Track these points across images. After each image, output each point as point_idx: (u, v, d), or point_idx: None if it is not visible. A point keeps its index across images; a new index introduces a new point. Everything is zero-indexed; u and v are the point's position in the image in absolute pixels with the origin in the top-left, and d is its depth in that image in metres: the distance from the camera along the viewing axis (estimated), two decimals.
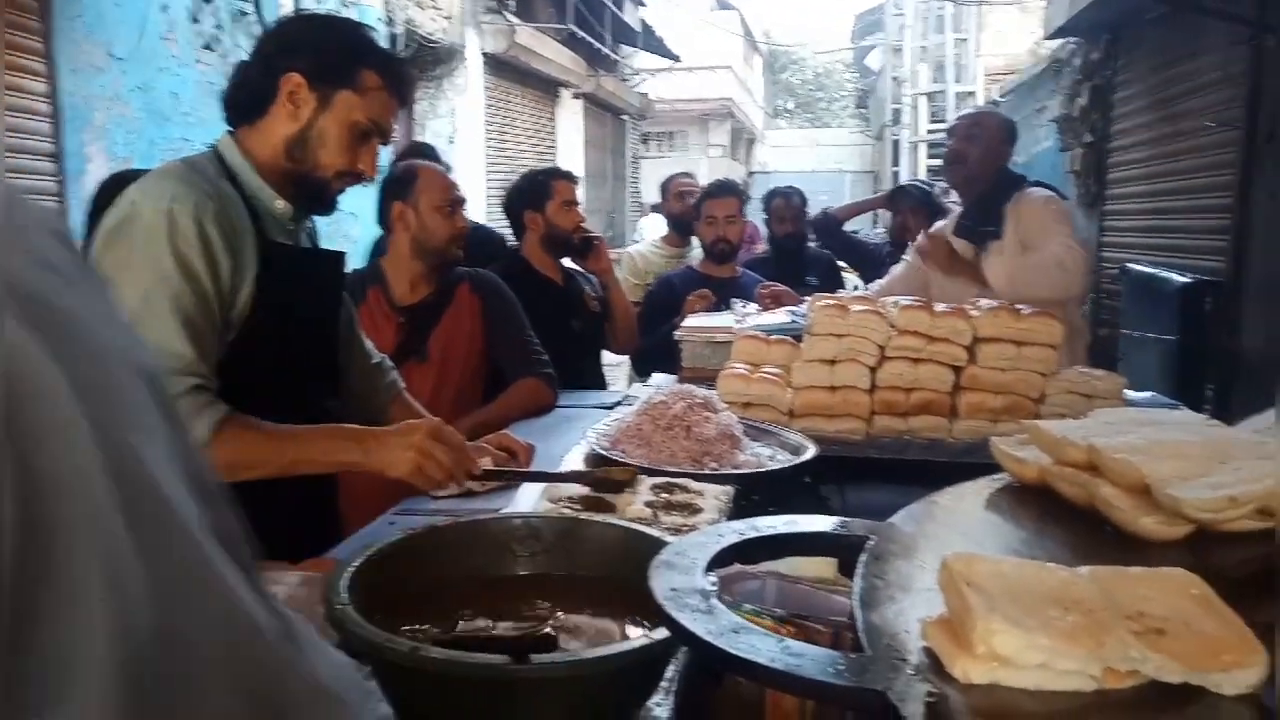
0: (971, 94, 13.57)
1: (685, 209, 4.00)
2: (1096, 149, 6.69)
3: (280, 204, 1.52)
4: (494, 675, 0.74)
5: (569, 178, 3.02)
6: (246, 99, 1.50)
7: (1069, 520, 0.88)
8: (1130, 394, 2.16)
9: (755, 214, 4.28)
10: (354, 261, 2.43)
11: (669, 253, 4.04)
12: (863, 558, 0.75)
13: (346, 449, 1.43)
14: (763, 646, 0.59)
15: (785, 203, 4.02)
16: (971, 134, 2.86)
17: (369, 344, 1.84)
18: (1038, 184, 2.98)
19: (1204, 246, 4.73)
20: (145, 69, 4.22)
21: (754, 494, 1.59)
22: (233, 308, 1.42)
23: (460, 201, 2.38)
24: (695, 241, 3.97)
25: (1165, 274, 4.52)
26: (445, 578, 1.00)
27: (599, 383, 3.13)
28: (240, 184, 1.47)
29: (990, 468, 1.03)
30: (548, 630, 0.81)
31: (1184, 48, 5.14)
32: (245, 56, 1.57)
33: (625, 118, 13.53)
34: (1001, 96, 10.21)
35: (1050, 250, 2.60)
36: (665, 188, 4.41)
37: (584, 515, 1.17)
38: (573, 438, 2.00)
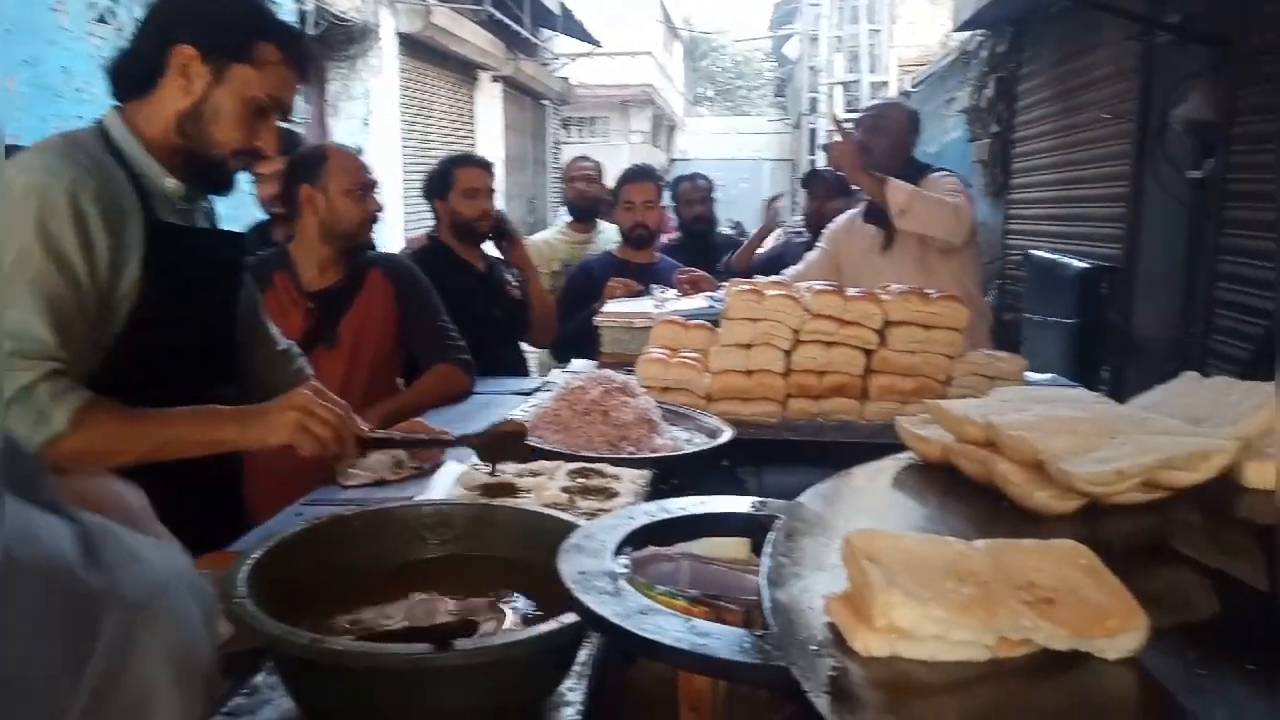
0: (885, 84, 13.86)
1: (585, 194, 3.95)
2: (1002, 139, 6.91)
3: (171, 182, 1.45)
4: (401, 665, 0.72)
5: (476, 164, 2.98)
6: (135, 72, 1.43)
7: (970, 496, 0.91)
8: (1032, 375, 2.24)
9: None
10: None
11: (573, 239, 3.94)
12: (771, 537, 0.76)
13: (220, 426, 1.38)
14: (669, 627, 0.59)
15: (692, 186, 4.04)
16: (877, 126, 2.93)
17: (274, 330, 1.78)
18: (941, 170, 3.07)
19: (1102, 234, 4.94)
20: (33, 42, 3.99)
21: (671, 478, 1.59)
22: (114, 290, 1.35)
23: (371, 185, 2.31)
24: (601, 226, 3.95)
25: (1066, 260, 4.71)
26: (353, 568, 0.98)
27: (520, 369, 3.11)
28: (126, 161, 1.40)
29: (899, 448, 1.06)
30: (469, 618, 0.79)
31: (1082, 42, 5.34)
32: None
33: (546, 103, 13.39)
34: (913, 87, 10.46)
35: (946, 194, 2.76)
36: (566, 173, 4.33)
37: (496, 501, 1.16)
38: (490, 423, 1.97)
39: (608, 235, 3.89)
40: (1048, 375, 2.59)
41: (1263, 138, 3.50)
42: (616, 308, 2.67)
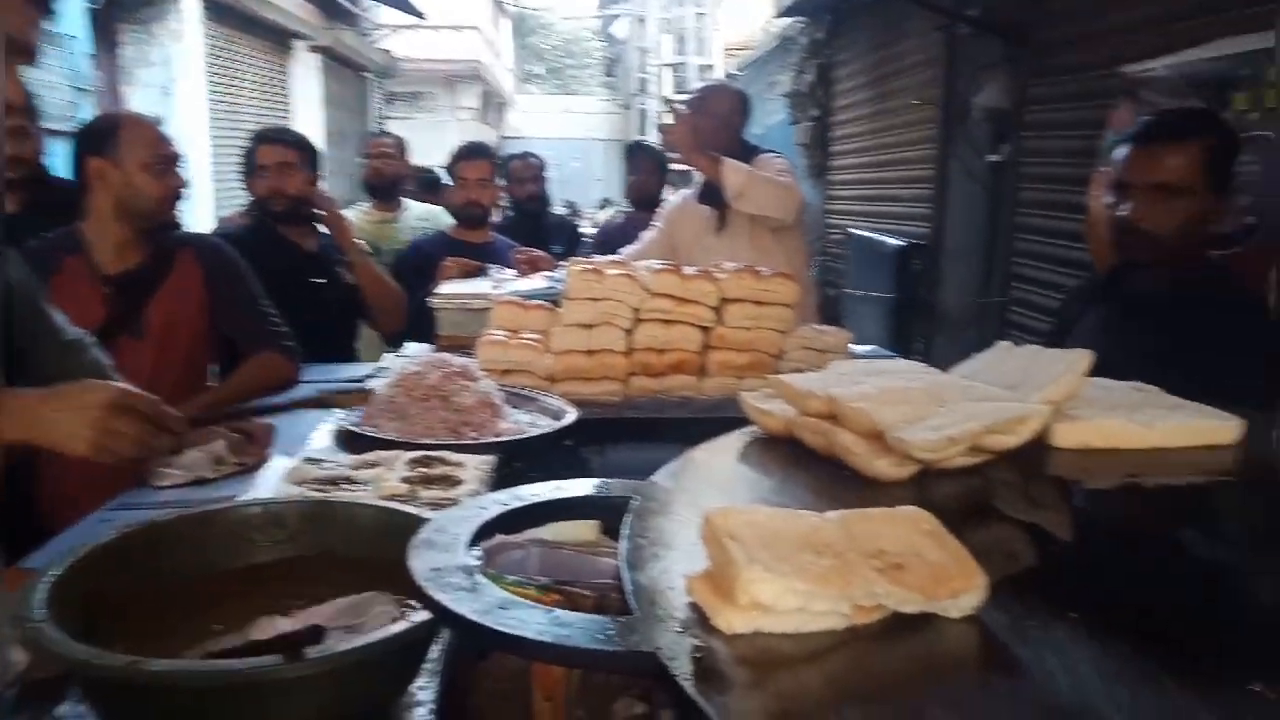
0: (711, 67, 14.18)
1: (381, 172, 3.75)
2: (821, 123, 7.24)
3: None
4: (234, 681, 0.67)
5: (272, 140, 2.81)
6: None
7: (813, 466, 0.94)
8: (855, 348, 2.36)
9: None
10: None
11: (376, 219, 3.74)
12: (627, 518, 0.75)
13: (7, 425, 1.23)
14: (531, 620, 0.57)
15: (524, 164, 3.98)
16: (709, 107, 2.98)
17: (60, 320, 1.60)
18: (770, 152, 3.17)
19: (913, 213, 5.27)
20: None
21: (516, 461, 1.57)
22: None
23: (173, 158, 2.12)
24: (407, 204, 3.80)
25: (882, 238, 5.00)
26: (175, 579, 0.89)
27: (352, 355, 2.97)
28: None
29: (738, 422, 1.08)
30: (315, 623, 0.74)
31: (892, 31, 5.66)
32: None
33: (368, 76, 12.81)
34: (739, 70, 10.76)
35: (777, 174, 2.86)
36: (364, 151, 4.10)
37: (333, 496, 1.10)
38: (318, 415, 1.87)
39: (414, 214, 3.75)
40: (869, 347, 2.74)
41: (1049, 124, 3.83)
42: (452, 289, 2.59)
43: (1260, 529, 0.84)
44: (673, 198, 3.33)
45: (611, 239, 3.73)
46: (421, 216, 3.77)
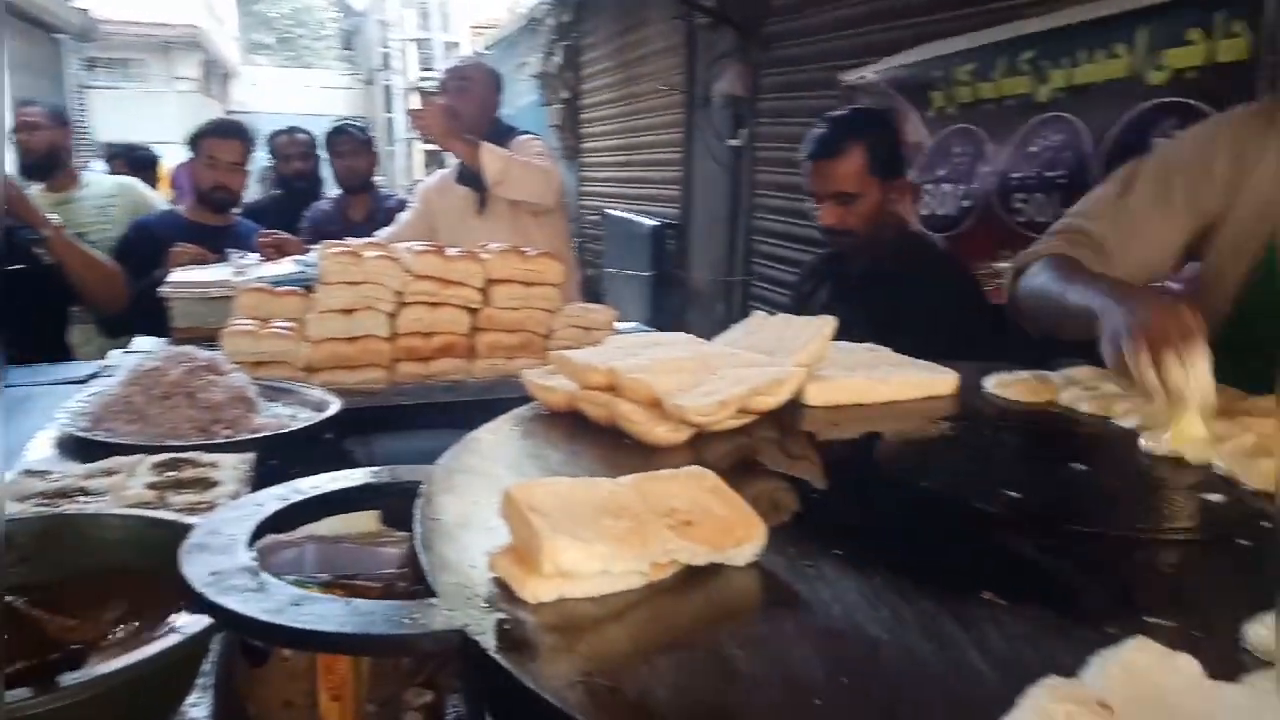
0: (457, 44, 13.88)
1: (30, 145, 3.23)
2: (572, 105, 7.32)
3: None
4: None
5: None
6: None
7: (596, 437, 0.97)
8: (619, 325, 2.43)
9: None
10: None
11: (50, 200, 3.18)
12: (418, 503, 0.74)
13: None
14: (330, 614, 0.55)
15: (289, 140, 3.70)
16: (463, 87, 2.93)
17: None
18: (526, 133, 3.17)
19: (664, 195, 5.49)
20: None
21: (274, 458, 1.47)
22: None
23: None
24: (87, 179, 3.36)
25: (637, 218, 5.18)
26: None
27: (64, 353, 2.63)
28: None
29: (511, 402, 1.09)
30: (74, 646, 0.66)
31: (635, 17, 5.84)
32: None
33: (62, 37, 11.28)
34: (487, 49, 10.61)
35: (534, 157, 2.87)
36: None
37: (71, 510, 0.98)
38: (35, 422, 1.65)
39: (101, 190, 3.30)
40: (632, 324, 2.84)
41: (780, 111, 4.13)
42: (186, 276, 2.37)
43: (977, 462, 0.97)
44: (429, 178, 3.25)
45: (320, 223, 3.50)
46: (110, 193, 3.27)
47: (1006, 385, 1.21)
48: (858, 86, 3.16)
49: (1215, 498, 0.83)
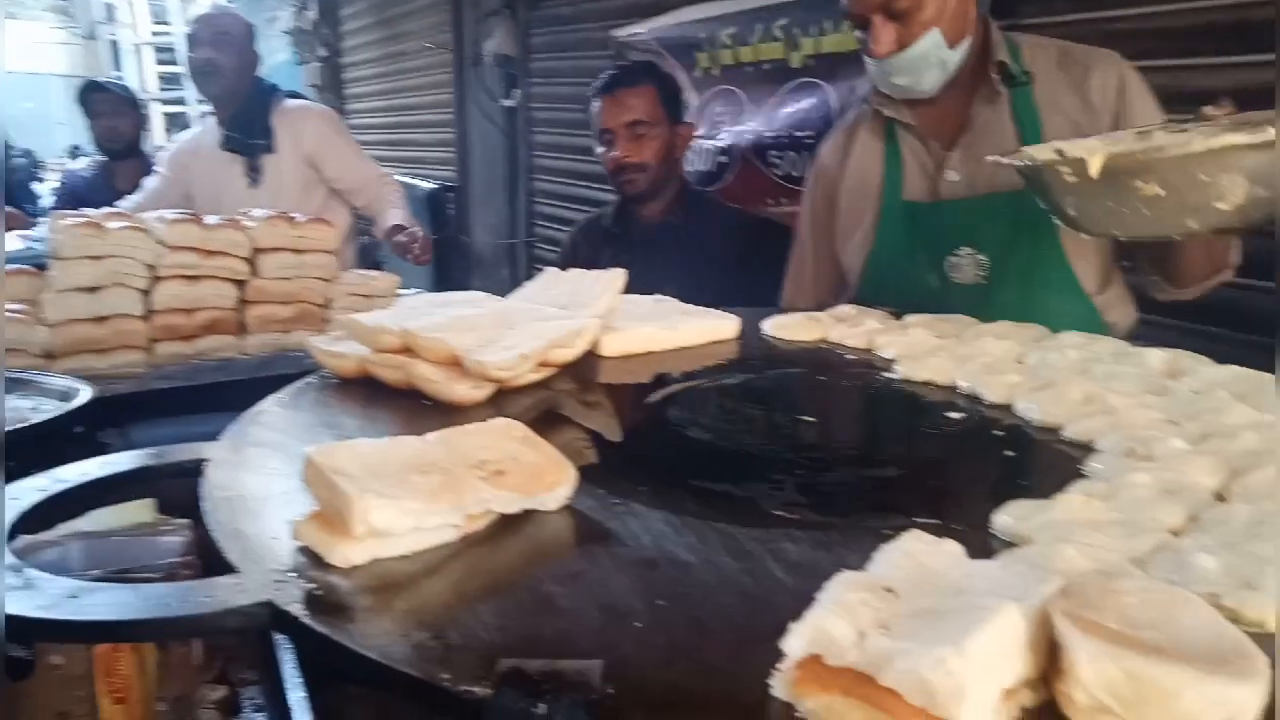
0: None
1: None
2: (333, 64, 6.91)
3: None
4: None
5: None
6: None
7: (393, 401, 0.94)
8: (401, 292, 2.36)
9: None
10: None
11: None
12: (205, 482, 0.69)
13: None
14: (116, 601, 0.51)
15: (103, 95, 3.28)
16: (220, 41, 2.67)
17: None
18: (293, 94, 2.96)
19: (440, 157, 5.33)
20: None
21: (12, 458, 1.31)
22: None
23: None
24: None
25: (414, 181, 5.00)
26: None
27: None
28: None
29: (289, 379, 1.03)
30: None
31: None
32: None
33: None
34: (229, 1, 9.74)
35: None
36: None
37: None
38: None
39: None
40: (414, 290, 2.75)
41: (553, 72, 4.12)
42: None
43: (756, 398, 1.04)
44: (179, 141, 2.96)
45: (81, 193, 3.16)
46: None
47: (783, 327, 1.29)
48: (629, 44, 3.21)
49: (958, 415, 0.94)
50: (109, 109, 3.44)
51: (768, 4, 2.58)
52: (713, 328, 1.24)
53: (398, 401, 0.94)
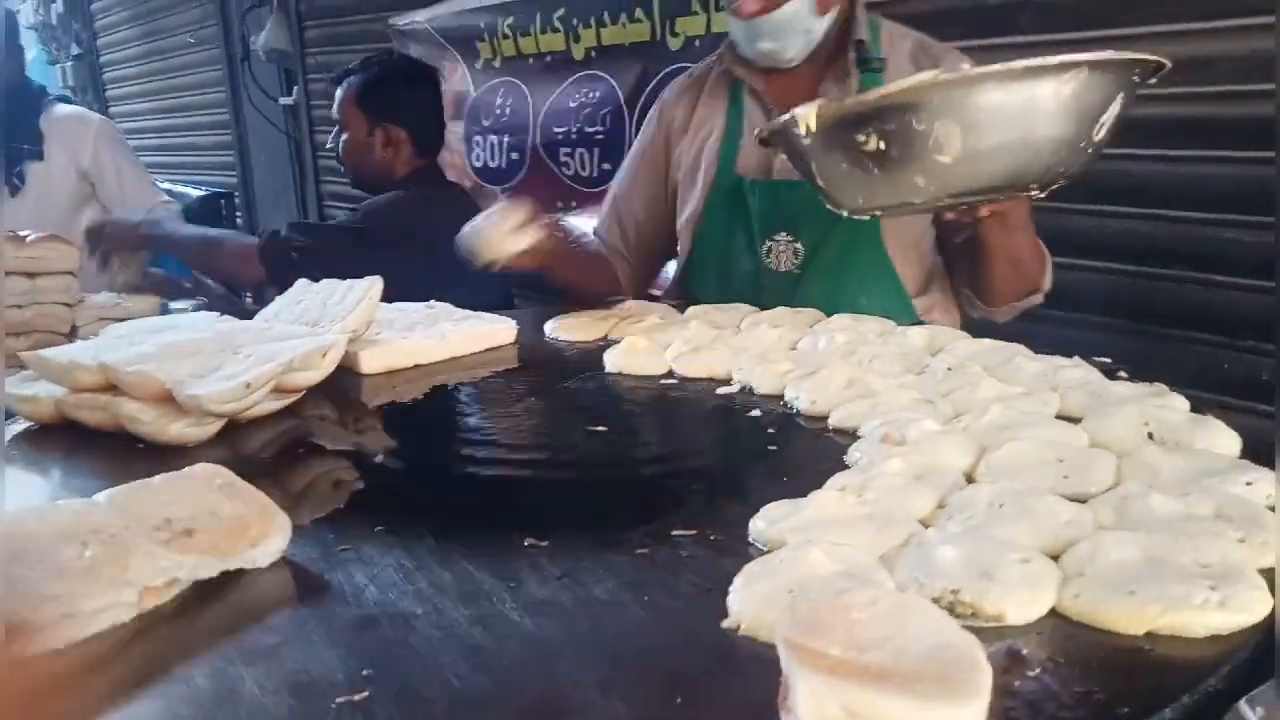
0: None
1: None
2: (89, 62, 6.26)
3: None
4: None
5: None
6: None
7: (100, 448, 0.81)
8: (176, 307, 2.13)
9: None
10: None
11: None
12: None
13: None
14: None
15: None
16: None
17: None
18: (63, 99, 2.63)
19: (214, 161, 4.93)
20: None
21: None
22: None
23: None
24: None
25: (182, 188, 4.60)
26: None
27: None
28: None
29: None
30: None
31: None
32: None
33: None
34: None
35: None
36: None
37: None
38: None
39: None
40: (186, 304, 2.51)
41: (330, 67, 3.88)
42: None
43: (535, 410, 0.98)
44: None
45: None
46: None
47: (567, 328, 1.24)
48: (407, 32, 3.06)
49: (727, 411, 0.92)
50: None
51: None
52: (487, 333, 1.17)
53: (107, 447, 0.81)
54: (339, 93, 2.02)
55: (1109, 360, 0.95)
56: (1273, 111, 1.29)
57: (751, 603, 0.50)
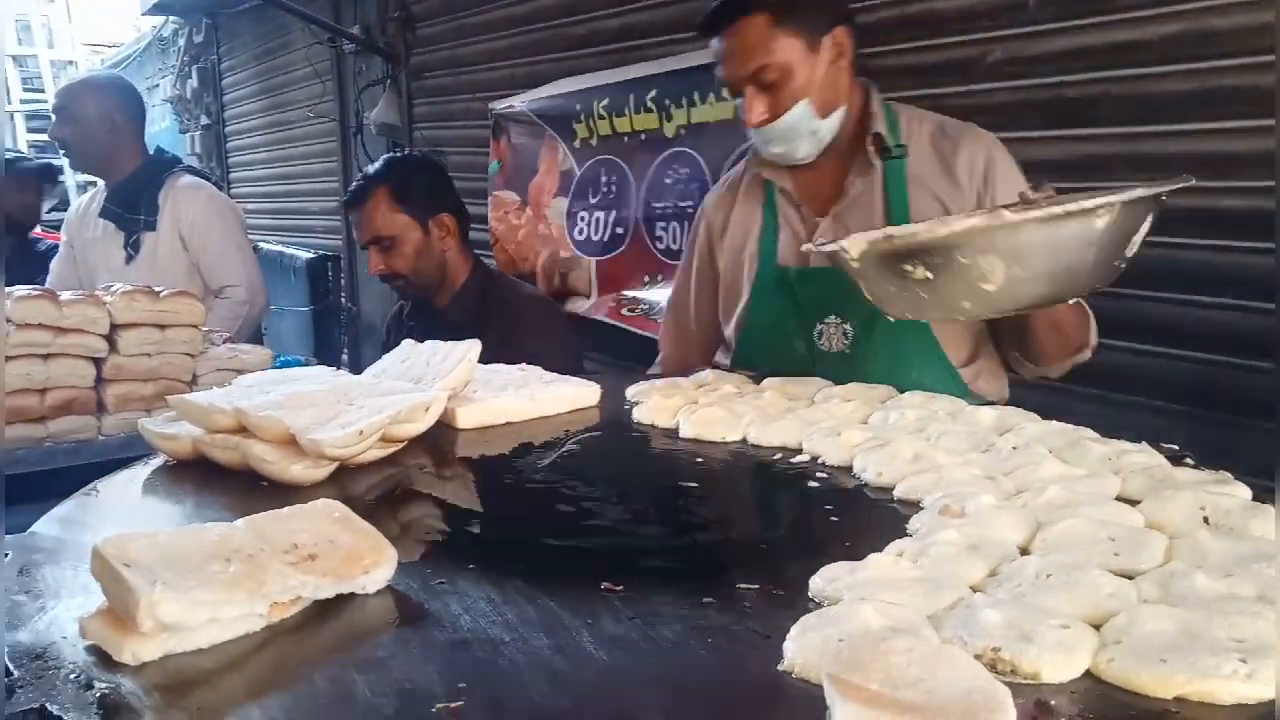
0: (73, 63, 12.26)
1: None
2: (215, 132, 6.77)
3: None
4: None
5: None
6: None
7: (227, 484, 0.91)
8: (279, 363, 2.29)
9: None
10: None
11: None
12: None
13: None
14: None
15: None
16: (65, 116, 2.54)
17: None
18: (190, 170, 2.84)
19: (323, 226, 5.25)
20: None
21: None
22: None
23: None
24: None
25: (293, 251, 4.90)
26: None
27: None
28: None
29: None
30: None
31: (275, 40, 5.54)
32: None
33: None
34: (110, 69, 9.48)
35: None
36: None
37: None
38: None
39: None
40: (284, 357, 2.68)
41: (438, 141, 4.14)
42: None
43: (615, 468, 1.05)
44: (73, 206, 2.82)
45: None
46: None
47: (645, 393, 1.31)
48: (507, 115, 3.25)
49: (799, 479, 0.96)
50: (33, 183, 3.27)
51: (638, 76, 2.66)
52: (572, 395, 1.25)
53: (233, 484, 0.91)
54: (364, 211, 2.03)
55: (1176, 447, 0.96)
56: None
57: (805, 649, 0.55)
